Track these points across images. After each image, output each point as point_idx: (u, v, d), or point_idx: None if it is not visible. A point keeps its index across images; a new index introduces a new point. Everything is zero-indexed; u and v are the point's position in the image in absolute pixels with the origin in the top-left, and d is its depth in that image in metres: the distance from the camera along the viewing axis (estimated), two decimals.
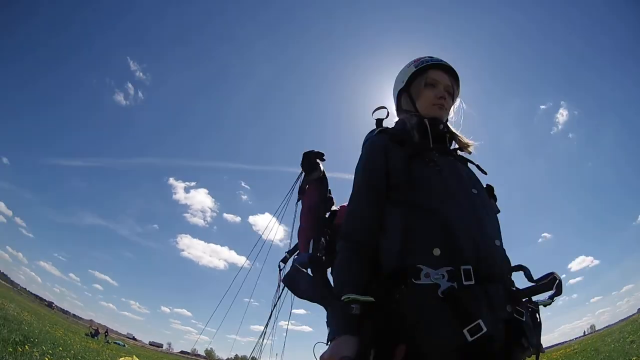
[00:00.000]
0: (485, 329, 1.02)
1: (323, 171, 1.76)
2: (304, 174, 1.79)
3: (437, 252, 1.15)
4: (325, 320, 1.22)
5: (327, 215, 1.67)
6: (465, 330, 1.03)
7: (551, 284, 1.30)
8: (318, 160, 1.77)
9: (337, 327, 1.12)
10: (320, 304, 1.35)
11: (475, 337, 1.02)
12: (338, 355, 1.04)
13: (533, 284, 1.32)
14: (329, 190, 1.75)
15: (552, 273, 1.31)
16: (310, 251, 1.54)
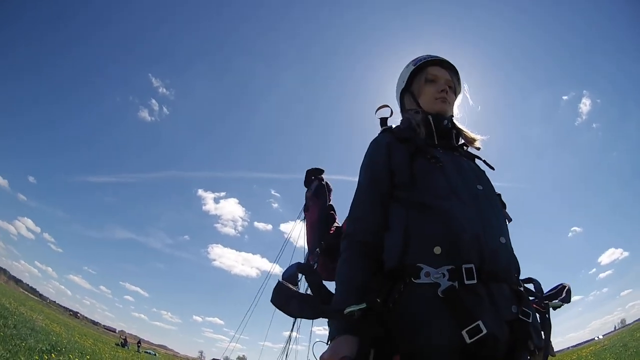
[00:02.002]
0: (485, 331, 1.00)
1: (319, 187, 1.78)
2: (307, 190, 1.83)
3: (438, 250, 1.13)
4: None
5: (331, 231, 1.66)
6: (464, 332, 1.01)
7: (561, 291, 1.32)
8: (314, 177, 1.81)
9: (337, 327, 1.11)
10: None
11: (475, 338, 1.00)
12: (338, 355, 1.03)
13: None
14: (331, 206, 1.75)
15: (561, 284, 1.36)
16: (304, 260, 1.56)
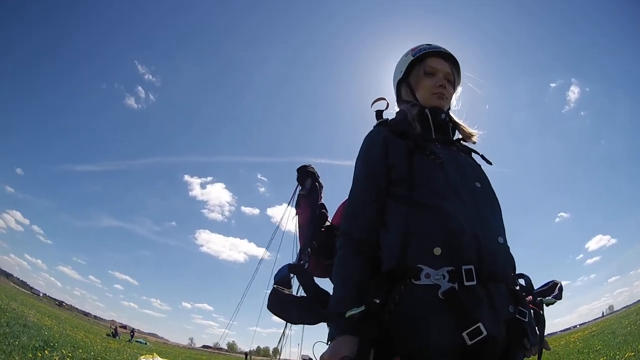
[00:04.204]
0: (485, 333, 1.00)
1: (311, 187, 1.77)
2: (300, 187, 1.81)
3: (437, 251, 1.11)
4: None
5: (322, 230, 1.65)
6: (464, 334, 1.01)
7: (553, 288, 1.34)
8: (308, 175, 1.80)
9: (337, 327, 1.10)
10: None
11: (475, 340, 1.00)
12: (338, 355, 1.02)
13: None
14: (322, 205, 1.74)
15: (552, 281, 1.38)
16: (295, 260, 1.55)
